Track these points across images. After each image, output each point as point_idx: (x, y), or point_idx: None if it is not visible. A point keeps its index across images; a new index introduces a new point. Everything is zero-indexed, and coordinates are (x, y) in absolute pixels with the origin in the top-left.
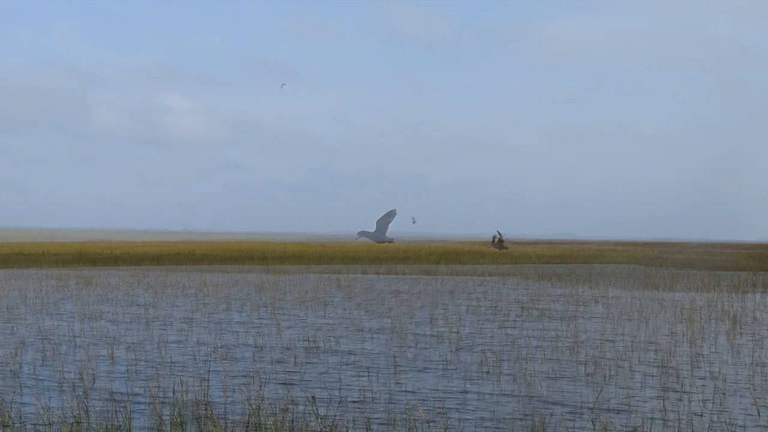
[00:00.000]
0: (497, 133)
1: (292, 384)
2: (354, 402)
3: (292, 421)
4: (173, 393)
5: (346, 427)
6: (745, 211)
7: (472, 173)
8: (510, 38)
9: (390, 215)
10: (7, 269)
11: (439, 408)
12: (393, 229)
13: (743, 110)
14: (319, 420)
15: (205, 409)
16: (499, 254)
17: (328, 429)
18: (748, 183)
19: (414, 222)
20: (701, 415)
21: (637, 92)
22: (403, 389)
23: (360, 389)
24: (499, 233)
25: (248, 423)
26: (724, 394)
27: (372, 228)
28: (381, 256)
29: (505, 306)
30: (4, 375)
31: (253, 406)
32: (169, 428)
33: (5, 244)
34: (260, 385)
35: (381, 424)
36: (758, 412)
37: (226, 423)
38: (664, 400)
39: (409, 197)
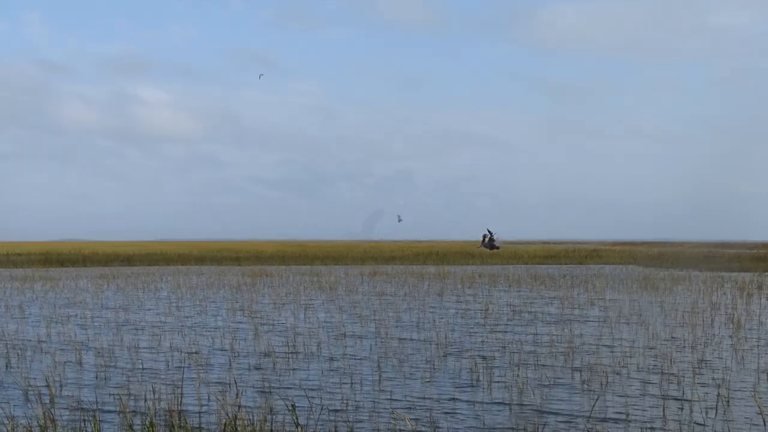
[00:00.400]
0: (491, 127)
1: (270, 392)
2: (336, 411)
3: (271, 431)
4: (145, 401)
5: None
6: (750, 209)
7: (464, 170)
8: (505, 27)
9: (377, 215)
10: None
11: (427, 417)
12: (378, 230)
13: (751, 104)
14: (300, 430)
15: (179, 419)
16: (489, 254)
17: None
18: (754, 179)
19: (400, 220)
20: (704, 425)
21: (639, 85)
22: (389, 397)
23: (342, 397)
24: (489, 232)
25: None
26: (727, 402)
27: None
28: (365, 256)
29: (495, 309)
30: None
31: (230, 416)
32: None
33: None
34: (237, 393)
35: None
36: (764, 421)
37: None
38: (664, 408)
39: (397, 194)
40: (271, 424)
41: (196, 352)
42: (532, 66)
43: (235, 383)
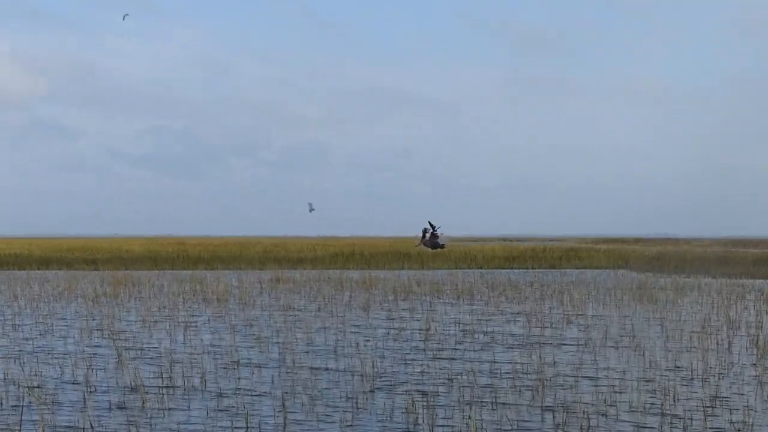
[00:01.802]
0: (433, 85)
1: None
2: None
3: None
4: None
5: None
6: None
7: (396, 142)
8: None
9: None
10: None
11: None
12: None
13: None
14: None
15: None
16: (431, 255)
17: None
18: None
19: (311, 210)
20: None
21: (633, 31)
22: None
23: None
24: (431, 226)
25: None
26: None
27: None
28: (264, 257)
29: (440, 329)
30: None
31: None
32: None
33: None
34: None
35: None
36: None
37: None
38: None
39: (306, 174)
40: None
41: (38, 386)
42: (491, 5)
43: (92, 427)
